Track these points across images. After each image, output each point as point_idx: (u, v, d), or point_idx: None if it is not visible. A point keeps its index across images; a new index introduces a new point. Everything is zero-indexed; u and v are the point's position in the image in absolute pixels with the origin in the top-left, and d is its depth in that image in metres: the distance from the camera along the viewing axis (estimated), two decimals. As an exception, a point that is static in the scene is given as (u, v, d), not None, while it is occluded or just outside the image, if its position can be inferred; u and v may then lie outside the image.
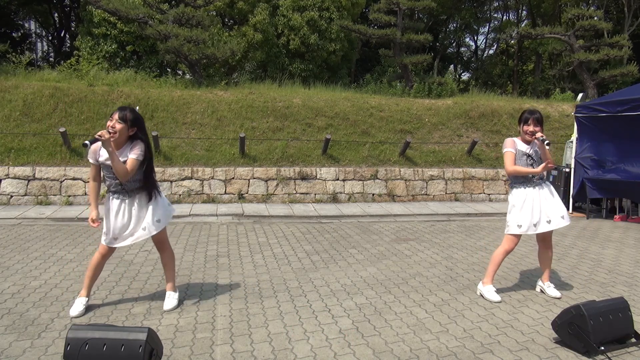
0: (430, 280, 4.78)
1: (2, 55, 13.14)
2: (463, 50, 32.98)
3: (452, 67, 29.42)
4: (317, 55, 17.14)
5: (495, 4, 29.76)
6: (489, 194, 10.30)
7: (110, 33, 14.68)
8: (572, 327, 3.26)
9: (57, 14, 24.46)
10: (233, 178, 9.30)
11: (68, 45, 24.27)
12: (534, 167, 4.13)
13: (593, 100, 9.64)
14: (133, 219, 3.72)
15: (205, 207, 8.59)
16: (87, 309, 3.80)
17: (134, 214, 3.72)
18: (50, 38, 26.37)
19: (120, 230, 3.71)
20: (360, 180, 9.77)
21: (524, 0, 26.99)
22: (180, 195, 8.99)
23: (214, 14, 17.29)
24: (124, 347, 2.69)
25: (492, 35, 31.52)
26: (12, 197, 8.47)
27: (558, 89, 17.36)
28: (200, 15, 12.75)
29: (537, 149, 4.17)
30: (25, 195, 8.52)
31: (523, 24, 26.70)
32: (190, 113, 10.38)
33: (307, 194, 9.49)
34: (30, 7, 22.23)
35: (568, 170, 9.17)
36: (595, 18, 16.22)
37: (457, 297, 4.31)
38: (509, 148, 4.15)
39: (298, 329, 3.56)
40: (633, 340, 3.39)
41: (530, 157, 4.14)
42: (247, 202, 9.16)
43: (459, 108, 11.97)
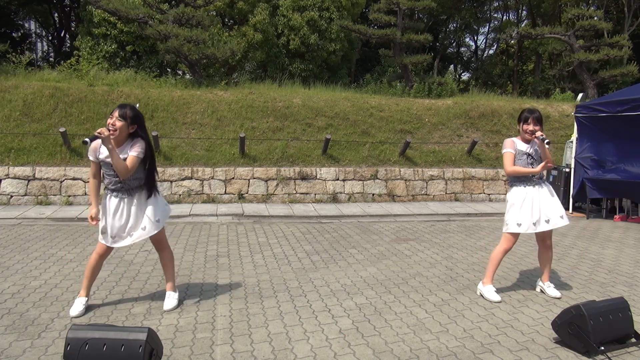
0: (430, 280, 4.78)
1: (2, 55, 13.14)
2: (463, 50, 33.01)
3: (452, 67, 29.42)
4: (317, 55, 17.14)
5: (495, 4, 29.79)
6: (489, 194, 10.30)
7: (110, 33, 14.68)
8: (572, 327, 3.26)
9: (57, 14, 24.47)
10: (233, 178, 9.30)
11: (68, 45, 24.27)
12: (534, 165, 4.14)
13: (593, 100, 9.64)
14: (131, 219, 3.71)
15: (205, 207, 8.59)
16: (87, 309, 3.80)
17: (133, 213, 3.71)
18: (50, 38, 26.38)
19: (119, 230, 3.70)
20: (360, 180, 9.77)
21: (524, 0, 26.99)
22: (180, 195, 8.99)
23: (214, 14, 17.29)
24: (124, 347, 2.69)
25: (492, 35, 31.56)
26: (12, 197, 8.47)
27: (558, 89, 17.36)
28: (200, 15, 12.75)
29: (537, 148, 4.17)
30: (25, 195, 8.52)
31: (523, 24, 26.70)
32: (190, 113, 10.38)
33: (307, 194, 9.49)
34: (30, 7, 22.23)
35: (568, 170, 9.17)
36: (595, 18, 16.22)
37: (457, 297, 4.31)
38: (508, 149, 4.16)
39: (298, 329, 3.56)
40: (633, 340, 3.39)
41: (531, 156, 4.15)
42: (247, 202, 9.16)
43: (459, 108, 11.97)
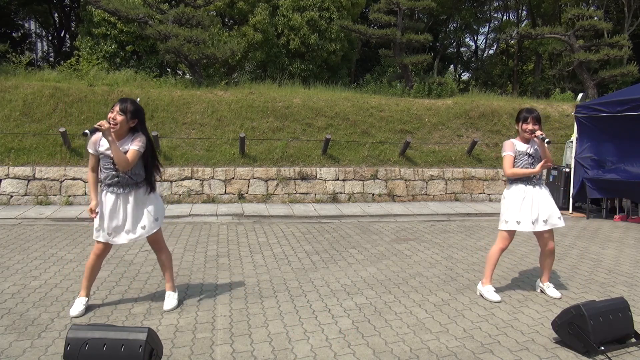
0: (430, 280, 4.78)
1: (2, 55, 13.15)
2: (463, 50, 33.02)
3: (452, 67, 29.44)
4: (317, 55, 17.14)
5: (495, 4, 29.80)
6: (489, 194, 10.30)
7: (110, 33, 14.68)
8: (572, 327, 3.26)
9: (57, 14, 24.47)
10: (233, 178, 9.30)
11: (68, 45, 24.28)
12: (535, 165, 4.14)
13: (593, 100, 9.64)
14: (129, 216, 3.69)
15: (205, 207, 8.59)
16: (87, 309, 3.80)
17: (129, 211, 3.69)
18: (50, 38, 26.38)
19: (115, 227, 3.68)
20: (360, 180, 9.76)
21: (524, 0, 26.99)
22: (180, 195, 8.99)
23: (214, 14, 17.29)
24: (124, 347, 2.69)
25: (492, 35, 31.57)
26: (12, 197, 8.47)
27: (558, 89, 17.36)
28: (200, 15, 12.75)
29: (536, 148, 4.18)
30: (25, 195, 8.52)
31: (523, 24, 26.71)
32: (190, 113, 10.38)
33: (307, 194, 9.49)
34: (30, 7, 22.23)
35: (568, 170, 9.17)
36: (595, 18, 16.22)
37: (457, 297, 4.31)
38: (508, 151, 4.18)
39: (298, 329, 3.56)
40: (633, 340, 3.39)
41: (531, 155, 4.16)
42: (247, 202, 9.16)
43: (459, 108, 11.97)
